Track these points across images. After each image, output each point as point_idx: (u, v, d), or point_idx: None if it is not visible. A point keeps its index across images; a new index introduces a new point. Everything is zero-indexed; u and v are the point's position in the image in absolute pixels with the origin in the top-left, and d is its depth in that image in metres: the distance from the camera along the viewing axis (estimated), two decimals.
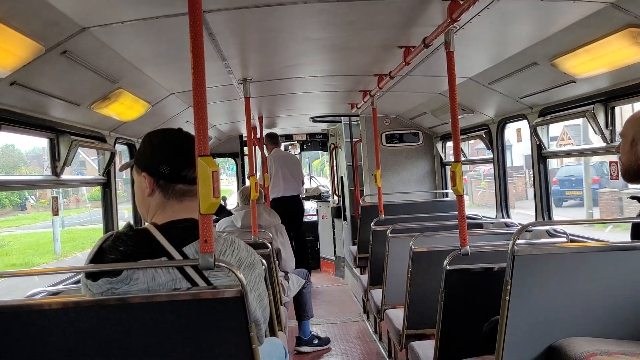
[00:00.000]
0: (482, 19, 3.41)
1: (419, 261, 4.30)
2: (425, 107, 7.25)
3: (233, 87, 5.39)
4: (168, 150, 2.28)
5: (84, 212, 34.97)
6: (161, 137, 2.33)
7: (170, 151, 2.27)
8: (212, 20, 3.27)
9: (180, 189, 2.25)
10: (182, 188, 2.25)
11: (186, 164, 2.23)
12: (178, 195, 2.25)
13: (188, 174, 2.23)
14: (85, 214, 33.29)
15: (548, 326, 2.75)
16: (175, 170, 2.23)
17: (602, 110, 4.16)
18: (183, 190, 2.25)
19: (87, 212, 34.21)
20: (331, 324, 7.54)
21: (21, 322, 2.04)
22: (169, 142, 2.30)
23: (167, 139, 2.32)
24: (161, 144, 2.30)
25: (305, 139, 11.87)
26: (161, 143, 2.31)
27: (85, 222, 30.11)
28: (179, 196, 2.25)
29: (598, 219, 13.58)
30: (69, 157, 4.23)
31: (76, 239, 24.59)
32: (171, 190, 2.25)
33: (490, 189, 21.22)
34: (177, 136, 2.31)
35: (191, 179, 2.23)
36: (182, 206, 2.25)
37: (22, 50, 2.82)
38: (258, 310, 2.33)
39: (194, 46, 2.04)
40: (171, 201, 2.25)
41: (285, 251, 5.94)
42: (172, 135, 2.33)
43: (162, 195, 2.25)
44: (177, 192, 2.25)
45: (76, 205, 38.09)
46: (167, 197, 2.25)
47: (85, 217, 31.99)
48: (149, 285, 2.08)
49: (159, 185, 2.25)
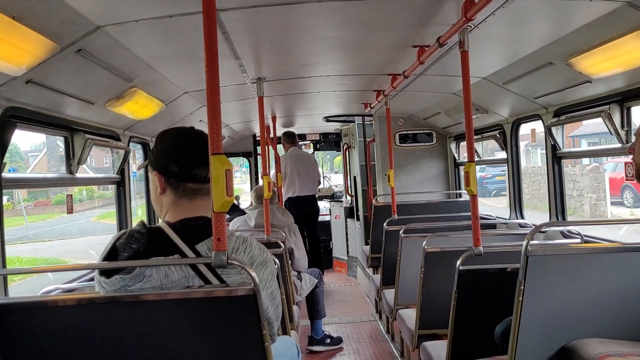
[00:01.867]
0: (497, 18, 3.40)
1: (431, 261, 4.29)
2: (439, 107, 7.23)
3: (246, 86, 5.40)
4: (177, 149, 2.28)
5: (55, 218, 30.14)
6: (172, 136, 2.33)
7: (180, 150, 2.28)
8: (226, 19, 3.28)
9: (191, 188, 2.25)
10: (192, 187, 2.25)
11: (196, 163, 2.24)
12: (188, 194, 2.26)
13: (197, 173, 2.24)
14: (46, 223, 28.00)
15: (561, 327, 2.73)
16: (185, 169, 2.24)
17: (618, 111, 4.12)
18: (193, 189, 2.26)
19: (52, 219, 29.49)
20: (343, 324, 7.54)
21: (36, 319, 2.06)
22: (178, 141, 2.31)
23: (177, 137, 2.33)
24: (171, 143, 2.31)
25: (319, 139, 11.87)
26: (171, 142, 2.31)
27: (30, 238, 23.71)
28: (190, 195, 2.26)
29: (613, 220, 13.47)
30: (83, 155, 4.25)
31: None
32: (181, 189, 2.25)
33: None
34: (188, 135, 2.32)
35: (201, 178, 2.24)
36: (192, 204, 2.26)
37: (37, 48, 2.85)
38: (270, 308, 2.34)
39: (208, 45, 2.05)
40: (182, 200, 2.26)
41: (298, 251, 5.94)
42: (183, 134, 2.33)
43: (173, 193, 2.26)
44: (187, 191, 2.26)
45: (44, 210, 32.06)
46: (177, 195, 2.26)
47: (41, 227, 26.69)
48: (162, 283, 2.09)
49: (170, 183, 2.26)
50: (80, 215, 31.20)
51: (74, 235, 24.93)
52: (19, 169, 39.11)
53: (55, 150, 39.38)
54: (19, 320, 2.05)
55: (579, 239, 4.53)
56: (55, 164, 38.17)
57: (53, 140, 36.56)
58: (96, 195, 35.13)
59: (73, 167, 4.28)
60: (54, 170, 35.23)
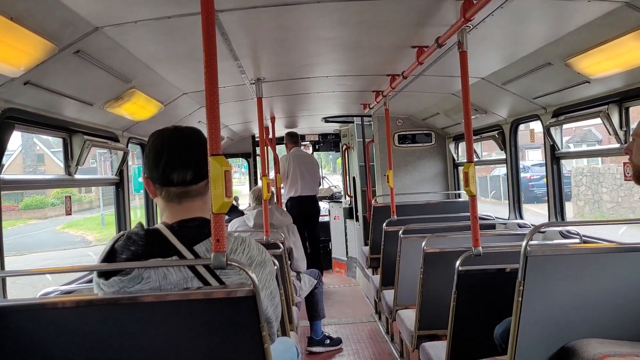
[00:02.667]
0: (496, 18, 3.40)
1: (431, 262, 4.29)
2: (438, 108, 7.23)
3: (245, 87, 5.40)
4: (155, 154, 2.23)
5: (19, 225, 27.24)
6: (152, 140, 2.27)
7: (158, 155, 2.22)
8: (224, 19, 3.28)
9: (174, 192, 2.21)
10: (176, 191, 2.21)
11: (174, 167, 2.19)
12: (174, 198, 2.22)
13: (175, 178, 2.19)
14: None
15: (561, 327, 2.73)
16: (164, 174, 2.20)
17: (617, 111, 4.12)
18: (177, 192, 2.21)
19: (16, 226, 26.53)
20: (343, 325, 7.54)
21: (35, 321, 2.05)
22: (157, 146, 2.24)
23: (157, 141, 2.26)
24: (150, 148, 2.26)
25: (318, 140, 11.87)
26: (151, 147, 2.26)
27: None
28: (176, 198, 2.22)
29: (612, 220, 13.46)
30: (82, 156, 4.24)
31: None
32: (165, 193, 2.22)
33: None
34: (169, 137, 2.26)
35: (181, 182, 2.19)
36: (182, 207, 2.23)
37: (35, 49, 2.84)
38: (270, 309, 2.33)
39: (206, 46, 2.05)
40: (171, 203, 2.23)
41: (297, 251, 5.94)
42: (163, 137, 2.27)
43: (162, 197, 2.25)
44: (172, 195, 2.22)
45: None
46: (165, 199, 2.24)
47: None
48: (160, 284, 2.09)
49: (157, 188, 2.24)
50: (49, 223, 29.02)
51: (26, 250, 21.32)
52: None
53: (30, 149, 37.44)
54: (18, 322, 2.04)
55: (578, 239, 4.53)
56: (31, 163, 36.13)
57: (29, 138, 34.22)
58: (74, 199, 32.73)
59: (72, 168, 4.27)
60: (30, 171, 33.25)
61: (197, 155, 2.20)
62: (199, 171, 2.20)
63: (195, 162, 2.20)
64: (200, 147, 2.18)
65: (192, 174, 2.19)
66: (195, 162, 2.20)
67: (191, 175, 2.19)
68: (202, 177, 2.21)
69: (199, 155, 2.19)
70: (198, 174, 2.20)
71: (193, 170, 2.20)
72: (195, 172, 2.20)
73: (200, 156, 2.18)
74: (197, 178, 2.21)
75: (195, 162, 2.20)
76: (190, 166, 2.19)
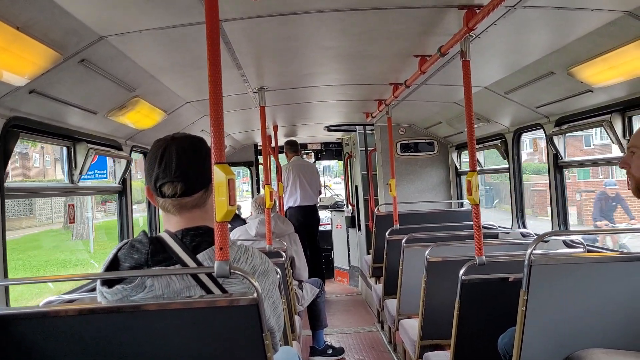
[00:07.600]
0: (499, 27, 3.40)
1: (434, 271, 4.28)
2: (441, 117, 7.23)
3: (248, 96, 5.42)
4: (148, 165, 2.21)
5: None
6: (150, 150, 2.24)
7: (150, 167, 2.20)
8: (228, 29, 3.29)
9: (170, 203, 2.18)
10: (171, 202, 2.18)
11: (164, 181, 2.15)
12: (172, 209, 2.20)
13: (165, 191, 2.16)
14: None
15: (565, 337, 2.72)
16: (156, 187, 2.18)
17: (620, 120, 4.12)
18: (173, 204, 2.18)
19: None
20: (345, 334, 7.51)
21: (37, 329, 2.05)
22: (150, 157, 2.21)
23: (151, 152, 2.22)
24: (147, 159, 2.25)
25: (320, 148, 11.89)
26: (147, 157, 2.24)
27: None
28: (173, 209, 2.20)
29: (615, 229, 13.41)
30: (85, 164, 4.25)
31: None
32: (163, 204, 2.21)
33: None
34: (162, 150, 2.19)
35: (171, 195, 2.16)
36: (180, 218, 2.20)
37: (40, 58, 2.85)
38: (272, 318, 2.32)
39: (211, 55, 2.05)
40: (170, 214, 2.22)
41: (299, 260, 5.94)
42: (157, 149, 2.21)
43: (161, 207, 2.23)
44: (169, 206, 2.19)
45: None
46: (164, 210, 2.23)
47: None
48: (163, 292, 2.09)
49: (156, 199, 2.23)
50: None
51: None
52: None
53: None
54: (21, 330, 2.04)
55: (582, 248, 4.51)
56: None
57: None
58: None
59: (75, 176, 4.28)
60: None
61: (190, 167, 2.16)
62: (190, 184, 2.16)
63: (185, 174, 2.15)
64: (195, 158, 2.17)
65: (182, 187, 2.15)
66: (186, 175, 2.15)
67: (182, 189, 2.15)
68: (194, 189, 2.17)
69: (193, 166, 2.16)
70: (190, 187, 2.16)
71: (184, 183, 2.15)
72: (186, 184, 2.15)
73: (193, 167, 2.16)
74: (189, 190, 2.16)
75: (185, 175, 2.15)
76: (180, 179, 2.14)
